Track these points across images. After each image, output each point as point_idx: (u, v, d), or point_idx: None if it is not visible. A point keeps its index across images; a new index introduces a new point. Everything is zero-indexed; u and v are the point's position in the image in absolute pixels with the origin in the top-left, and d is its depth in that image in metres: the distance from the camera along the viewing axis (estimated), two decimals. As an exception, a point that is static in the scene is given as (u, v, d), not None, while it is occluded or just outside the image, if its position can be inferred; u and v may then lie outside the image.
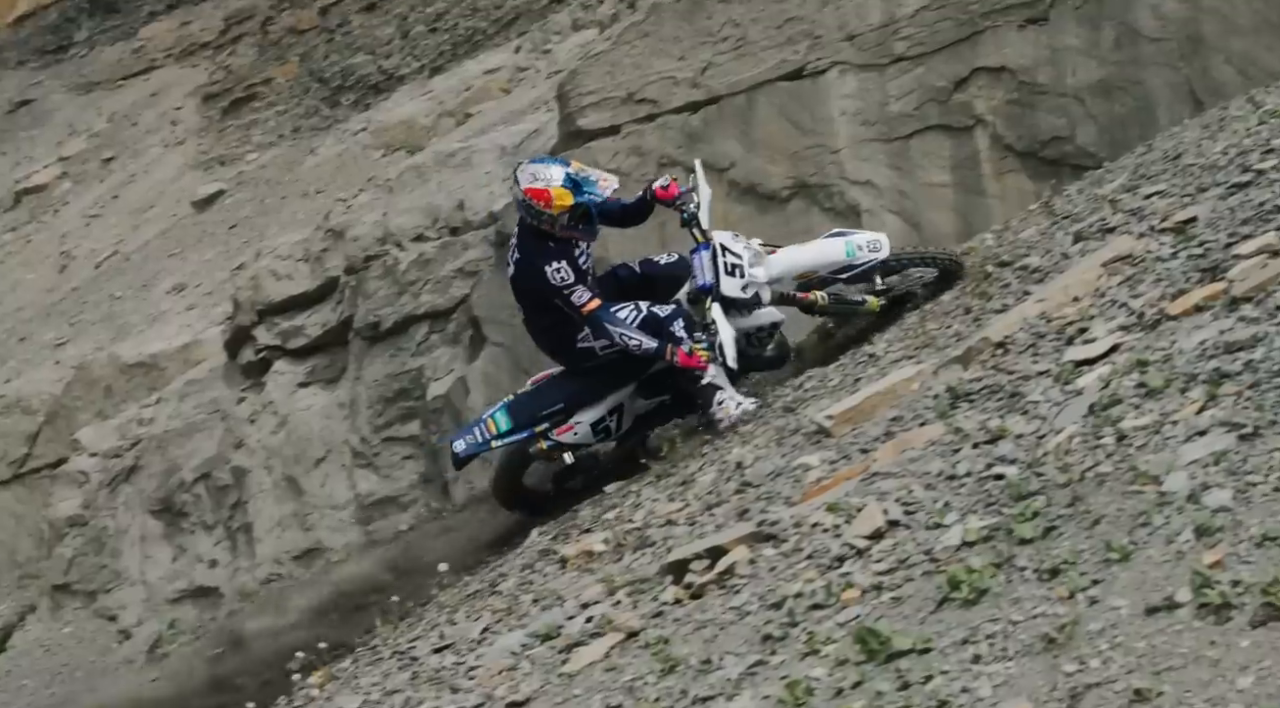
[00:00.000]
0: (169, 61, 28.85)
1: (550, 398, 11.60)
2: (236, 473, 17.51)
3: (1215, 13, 11.61)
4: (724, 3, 13.91)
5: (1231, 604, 5.10)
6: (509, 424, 11.63)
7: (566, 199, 10.97)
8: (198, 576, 17.73)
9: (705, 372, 10.89)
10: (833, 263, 10.96)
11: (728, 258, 10.92)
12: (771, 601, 6.92)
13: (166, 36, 29.31)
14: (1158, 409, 6.66)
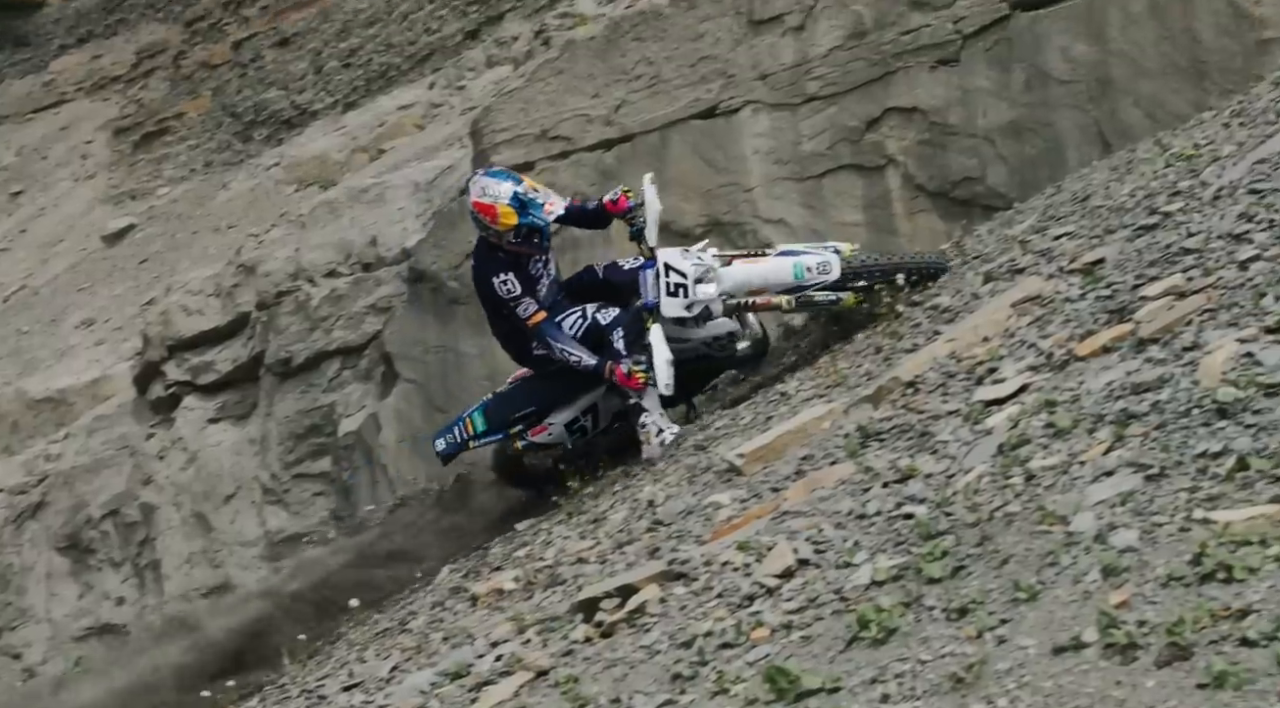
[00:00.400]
0: (79, 95, 28.69)
1: (522, 401, 11.71)
2: (145, 510, 17.40)
3: (1123, 56, 11.72)
4: (638, 41, 13.95)
5: (1137, 644, 5.12)
6: (485, 425, 11.79)
7: (511, 218, 11.04)
8: (104, 613, 17.60)
9: (641, 393, 10.93)
10: (781, 283, 11.00)
11: (671, 278, 10.94)
12: (681, 639, 6.90)
13: (77, 70, 29.14)
14: (1065, 449, 6.70)
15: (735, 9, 13.52)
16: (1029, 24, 12.25)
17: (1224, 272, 7.54)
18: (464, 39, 21.49)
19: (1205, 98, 11.27)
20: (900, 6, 12.74)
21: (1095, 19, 11.91)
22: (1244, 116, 10.16)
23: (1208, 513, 5.62)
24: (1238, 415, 6.17)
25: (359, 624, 11.12)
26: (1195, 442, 6.15)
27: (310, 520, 15.93)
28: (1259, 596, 5.10)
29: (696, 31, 13.68)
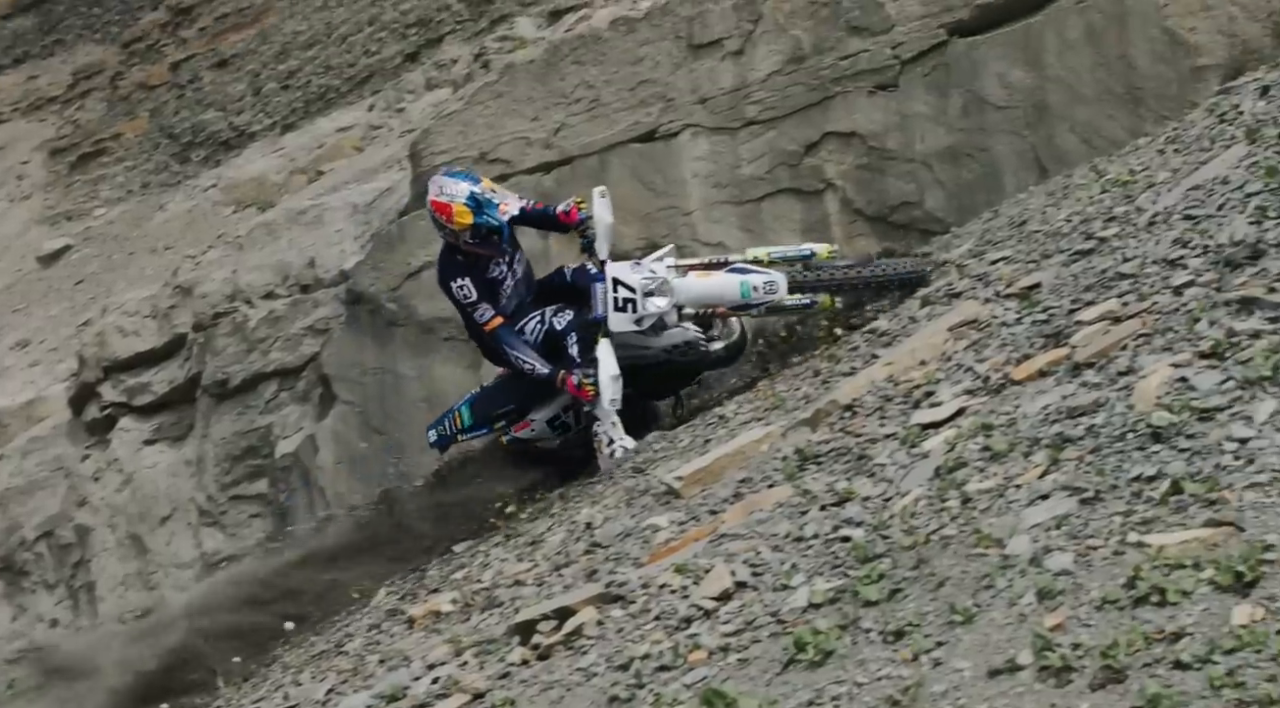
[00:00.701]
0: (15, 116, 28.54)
1: (503, 399, 11.80)
2: (79, 531, 17.29)
3: (1060, 82, 11.78)
4: (577, 64, 13.96)
5: (1072, 667, 5.15)
6: (471, 420, 11.91)
7: (466, 218, 11.09)
8: (38, 635, 17.46)
9: (592, 403, 10.98)
10: (729, 300, 11.03)
11: (619, 293, 10.96)
12: (619, 662, 6.90)
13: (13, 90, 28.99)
14: (1001, 473, 6.73)
15: (675, 33, 13.55)
16: (966, 50, 12.30)
17: (1159, 297, 7.59)
18: (403, 61, 21.46)
19: (1141, 124, 11.34)
20: (839, 32, 12.78)
21: (1032, 45, 11.98)
22: (1179, 143, 10.23)
23: (1142, 537, 5.66)
24: (1172, 440, 6.21)
25: (295, 646, 11.07)
26: (1130, 466, 6.18)
27: (246, 542, 15.86)
28: (1192, 619, 5.13)
29: (636, 55, 13.70)
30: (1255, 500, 5.58)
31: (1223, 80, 11.00)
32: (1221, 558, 5.31)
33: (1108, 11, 11.69)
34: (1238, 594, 5.16)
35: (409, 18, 21.81)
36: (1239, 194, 8.21)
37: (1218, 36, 11.26)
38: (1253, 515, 5.50)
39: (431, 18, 21.48)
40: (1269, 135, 8.88)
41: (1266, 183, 8.10)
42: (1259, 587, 5.15)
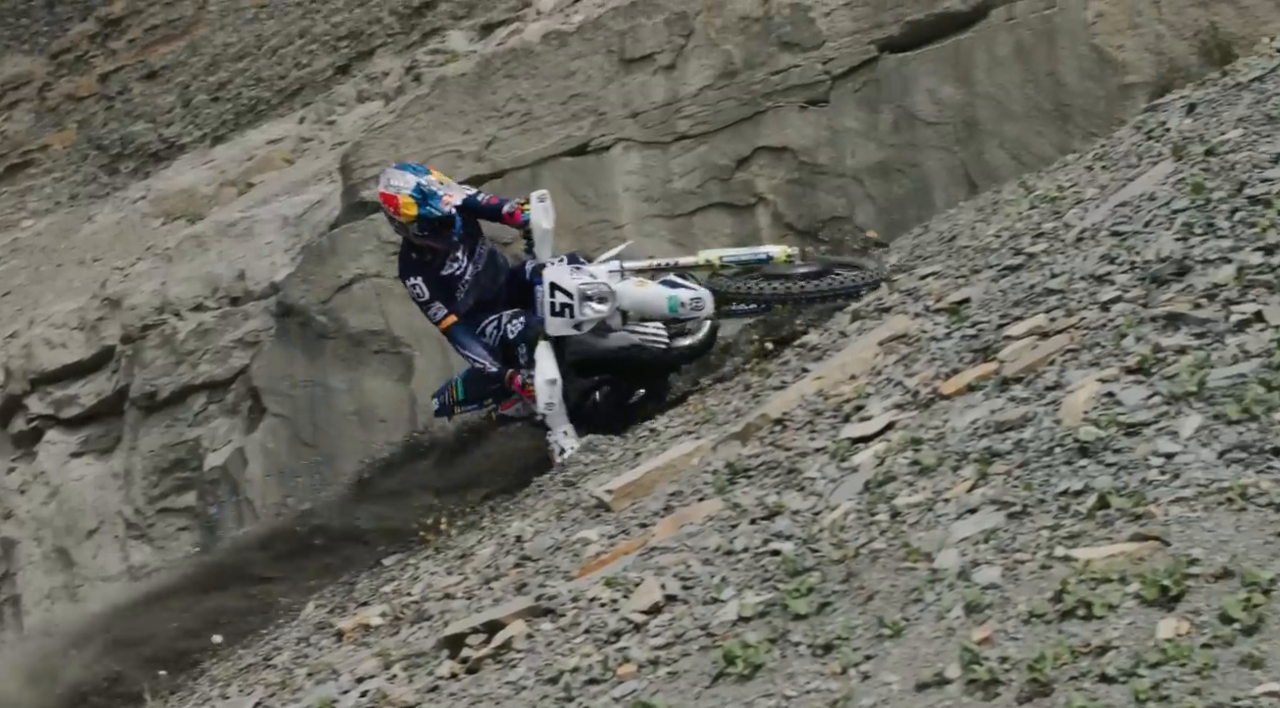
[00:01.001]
0: (-58, 126, 28.34)
1: (493, 377, 11.64)
2: (5, 544, 17.17)
3: (989, 99, 11.86)
4: (509, 78, 13.97)
5: (999, 680, 5.18)
6: (464, 394, 11.94)
7: (411, 209, 11.17)
8: (-38, 649, 17.32)
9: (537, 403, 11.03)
10: (658, 312, 11.05)
11: (557, 297, 10.98)
12: (548, 675, 6.90)
13: (-60, 101, 28.80)
14: (930, 487, 6.75)
15: (606, 48, 13.58)
16: (897, 66, 12.37)
17: (1086, 312, 7.64)
18: (334, 74, 21.39)
19: (1069, 141, 11.43)
20: (770, 47, 12.84)
21: (962, 62, 12.05)
22: (1106, 160, 10.30)
23: (1069, 551, 5.69)
24: (1099, 454, 6.24)
25: (222, 660, 11.02)
26: (1057, 480, 6.22)
27: (174, 555, 15.79)
28: (1118, 632, 5.17)
29: (568, 69, 13.73)
30: (1181, 515, 5.62)
31: (1150, 98, 11.10)
32: (1147, 572, 5.34)
33: (1037, 29, 11.78)
34: (1163, 608, 5.20)
35: (340, 30, 21.75)
36: (1166, 211, 8.27)
37: (1145, 54, 11.36)
38: (1178, 530, 5.54)
39: (363, 30, 21.42)
40: (1195, 152, 8.95)
41: (1193, 199, 8.17)
42: (1184, 601, 5.18)
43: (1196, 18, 11.29)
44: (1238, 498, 5.57)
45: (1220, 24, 11.18)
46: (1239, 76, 10.21)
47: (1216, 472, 5.80)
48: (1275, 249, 7.20)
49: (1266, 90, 9.56)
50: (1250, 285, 7.03)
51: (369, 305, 13.71)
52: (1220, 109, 9.77)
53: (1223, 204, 7.95)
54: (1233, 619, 4.99)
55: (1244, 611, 5.00)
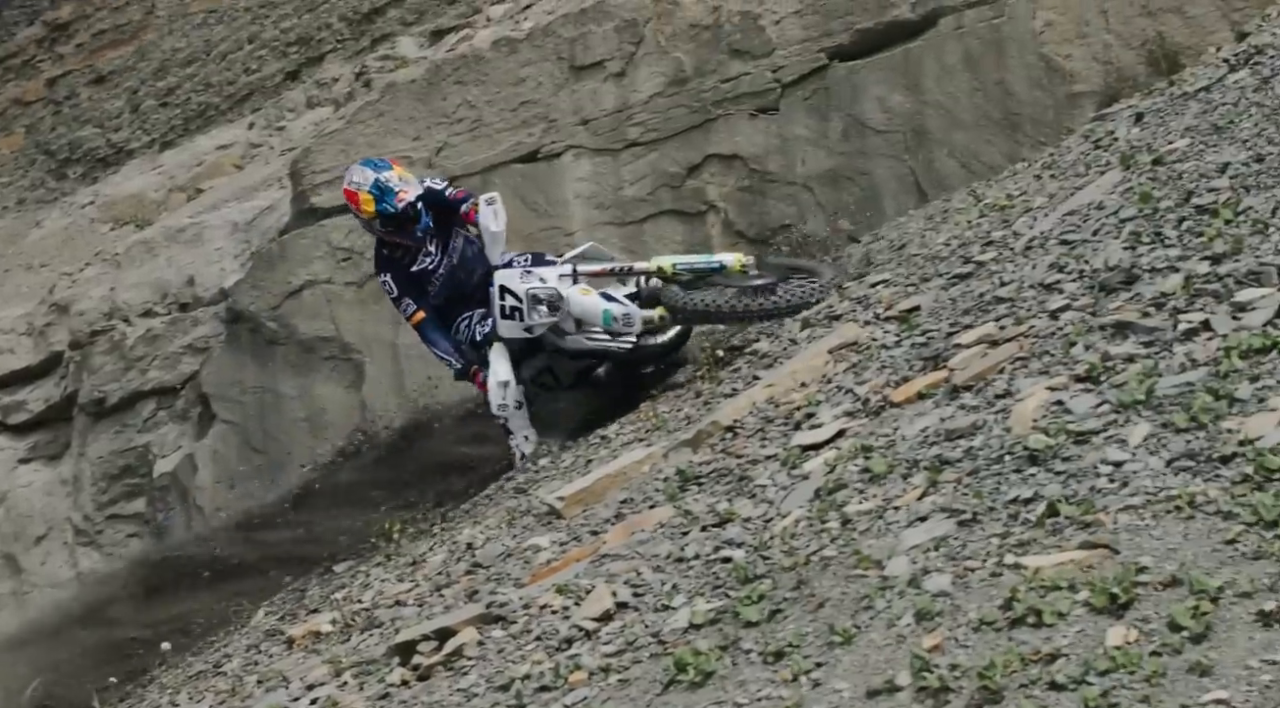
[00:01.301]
0: (-111, 131, 28.18)
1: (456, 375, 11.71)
2: (-47, 551, 17.08)
3: (939, 107, 11.92)
4: (459, 84, 13.97)
5: (949, 688, 5.20)
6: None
7: (370, 206, 11.22)
8: (-90, 655, 17.22)
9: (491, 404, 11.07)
10: (594, 322, 11.07)
11: (506, 300, 10.99)
12: (499, 683, 6.89)
13: (-113, 105, 28.64)
14: (881, 494, 6.78)
15: (557, 54, 13.60)
16: (846, 74, 12.42)
17: (1035, 321, 7.68)
18: (284, 79, 21.37)
19: (1018, 149, 11.49)
20: (720, 55, 12.88)
21: (911, 70, 12.11)
22: (1055, 168, 10.35)
23: (1018, 558, 5.71)
24: (1048, 462, 6.28)
25: (171, 667, 10.98)
26: (1007, 488, 6.25)
27: (123, 562, 15.73)
28: (1067, 640, 5.19)
29: (518, 76, 13.74)
30: (1130, 523, 5.66)
31: (1098, 107, 11.17)
32: (1097, 580, 5.37)
33: (985, 38, 11.84)
34: (1112, 616, 5.23)
35: (289, 36, 21.72)
36: (1114, 219, 8.32)
37: (1093, 64, 11.44)
38: (1127, 538, 5.58)
39: (312, 36, 21.40)
40: (1143, 162, 9.01)
41: (1140, 208, 8.22)
42: (1133, 609, 5.21)
43: (1144, 28, 11.37)
44: (1186, 506, 5.61)
45: (1167, 34, 11.27)
46: (1186, 86, 10.28)
47: (1165, 480, 5.83)
48: (1222, 258, 7.26)
49: (1213, 100, 9.63)
50: (1198, 294, 7.08)
51: (319, 312, 13.69)
52: (1168, 119, 9.84)
53: (1170, 213, 8.00)
54: (1181, 627, 5.03)
55: (1192, 618, 5.03)
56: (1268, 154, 8.20)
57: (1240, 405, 6.11)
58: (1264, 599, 5.03)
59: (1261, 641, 4.91)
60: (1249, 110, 9.06)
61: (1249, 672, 4.81)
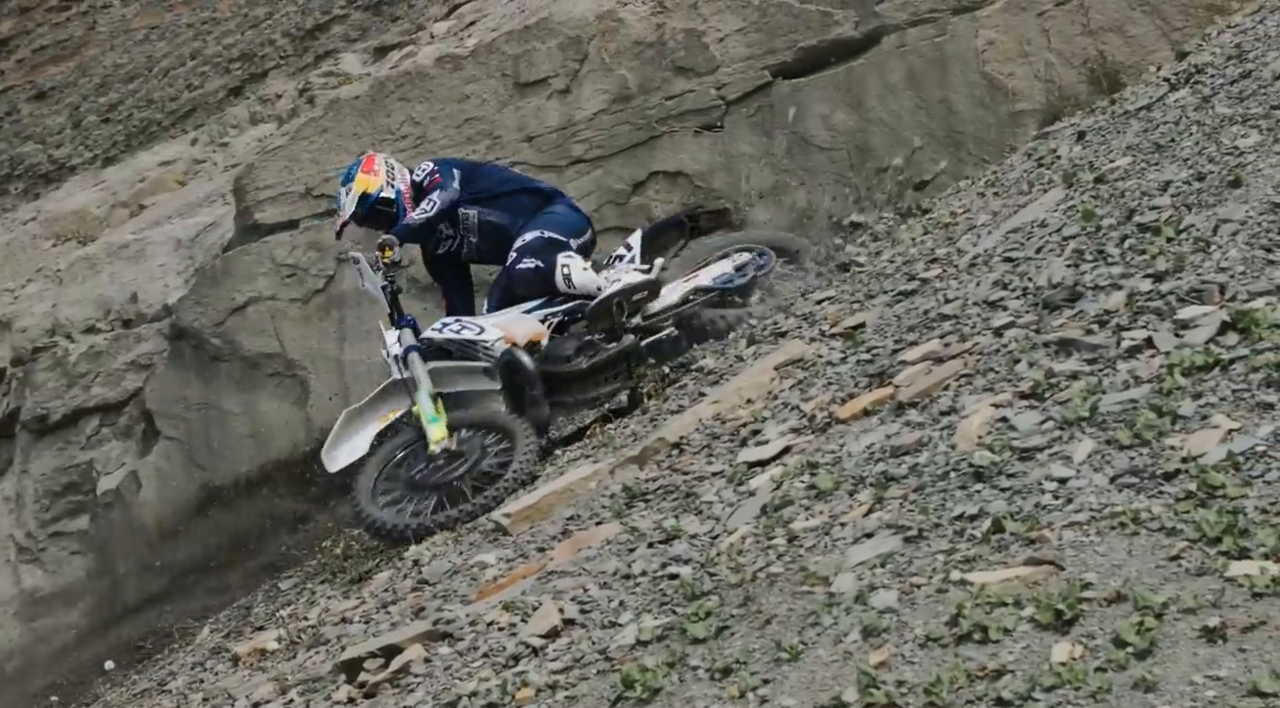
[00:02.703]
0: None
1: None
2: (-106, 569, 16.95)
3: (882, 124, 11.98)
4: (404, 101, 13.97)
5: (896, 704, 5.22)
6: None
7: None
8: None
9: None
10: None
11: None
12: (446, 700, 6.89)
13: None
14: (827, 511, 6.80)
15: (501, 71, 13.61)
16: (790, 92, 12.46)
17: (980, 338, 7.73)
18: (227, 96, 21.30)
19: (961, 167, 11.54)
20: (664, 72, 12.91)
21: (854, 88, 12.16)
22: (998, 186, 10.42)
23: (964, 575, 5.74)
24: (993, 479, 6.31)
25: (116, 685, 10.96)
26: (952, 504, 6.28)
27: (67, 579, 15.65)
28: (1013, 656, 5.22)
29: (462, 93, 13.75)
30: (1074, 539, 5.69)
31: (1040, 125, 11.23)
32: (1042, 596, 5.40)
33: (928, 56, 11.91)
34: (1058, 632, 5.26)
35: (232, 52, 21.67)
36: (1057, 237, 8.38)
37: (1035, 82, 11.51)
38: (1072, 554, 5.61)
39: (255, 52, 21.35)
40: (1085, 180, 9.08)
41: (1083, 226, 8.28)
42: (1078, 625, 5.25)
43: (1085, 46, 11.44)
44: (1130, 522, 5.65)
45: (1108, 53, 11.34)
46: (1127, 105, 10.35)
47: (1109, 496, 5.87)
48: (1164, 276, 7.31)
49: (1154, 119, 9.70)
50: (1140, 311, 7.13)
51: (263, 328, 13.66)
52: (1109, 137, 9.91)
53: (1113, 231, 8.06)
54: (1126, 643, 5.06)
55: (1137, 634, 5.06)
56: (1209, 172, 8.27)
57: (1183, 422, 6.16)
58: (1208, 615, 5.07)
59: (1205, 657, 4.94)
60: (1190, 129, 9.14)
61: (1193, 687, 4.84)
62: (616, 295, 10.82)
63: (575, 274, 11.00)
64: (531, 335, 10.97)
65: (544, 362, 10.87)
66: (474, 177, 11.50)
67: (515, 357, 10.81)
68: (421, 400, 10.69)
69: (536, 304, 11.14)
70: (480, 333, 10.95)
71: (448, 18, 16.09)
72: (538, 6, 13.88)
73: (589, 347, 10.91)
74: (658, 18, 13.06)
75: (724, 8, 12.79)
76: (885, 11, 12.20)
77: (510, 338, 10.89)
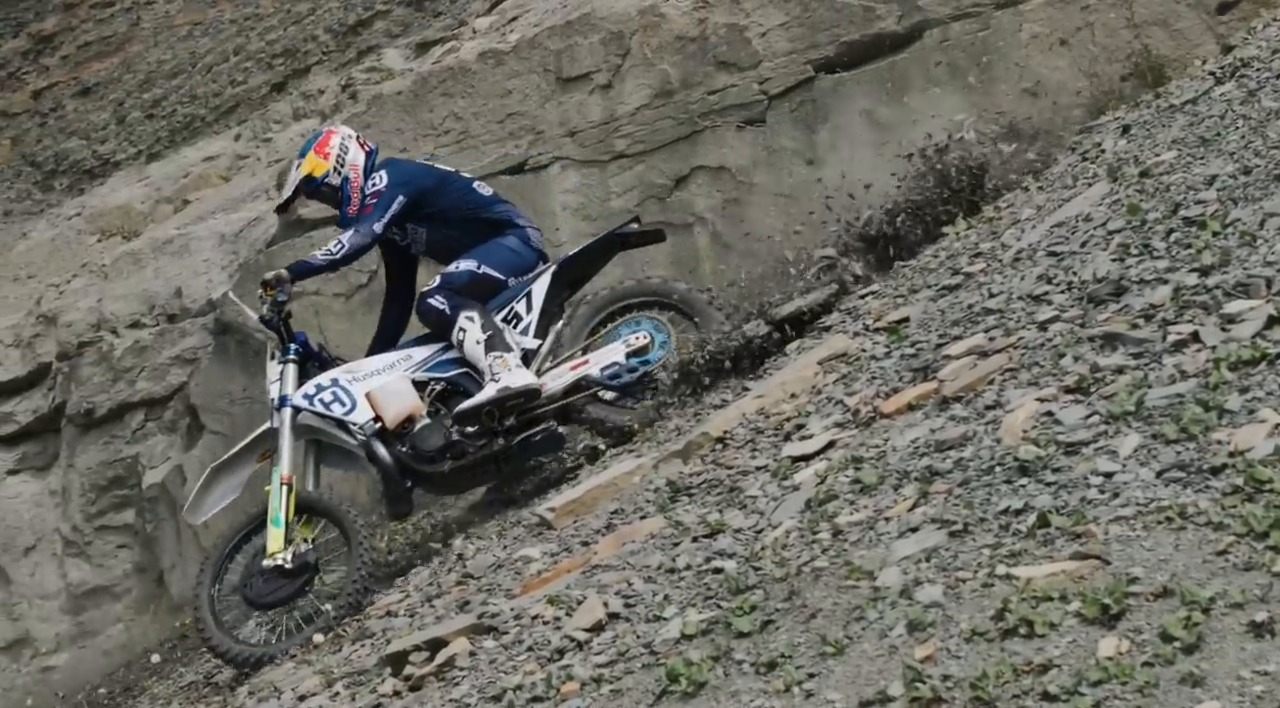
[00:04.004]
0: (-126, 141, 28.16)
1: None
2: (-59, 563, 17.05)
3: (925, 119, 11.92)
4: (446, 97, 13.99)
5: (942, 698, 5.22)
6: None
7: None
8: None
9: None
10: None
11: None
12: (491, 693, 6.91)
13: (-128, 116, 28.61)
14: (872, 505, 6.81)
15: (543, 67, 13.62)
16: (832, 86, 12.45)
17: (1024, 332, 7.72)
18: (270, 91, 21.36)
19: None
20: (707, 67, 12.90)
21: (897, 82, 12.13)
22: (1042, 181, 10.39)
23: (1010, 569, 5.74)
24: (1038, 473, 6.31)
25: (163, 678, 10.99)
26: (997, 499, 6.28)
27: (113, 573, 15.72)
28: (1060, 650, 5.22)
29: (504, 88, 13.75)
30: (1120, 534, 5.69)
31: (1084, 119, 11.18)
32: (1088, 591, 5.40)
33: (971, 50, 11.87)
34: (1104, 627, 5.26)
35: (275, 48, 21.73)
36: (1102, 231, 8.36)
37: (1079, 76, 11.46)
38: (1118, 548, 5.61)
39: (298, 48, 21.41)
40: (1130, 174, 9.05)
41: (1128, 220, 8.26)
42: (1125, 619, 5.24)
43: (1129, 40, 11.41)
44: (1176, 517, 5.64)
45: (1152, 47, 11.31)
46: (1172, 99, 10.32)
47: (1155, 491, 5.87)
48: (1210, 270, 7.30)
49: (1199, 113, 9.67)
50: (1186, 306, 7.12)
51: (307, 323, 13.65)
52: (1154, 131, 9.88)
53: (1158, 225, 8.04)
54: (1173, 638, 5.06)
55: (1184, 629, 5.06)
56: (1255, 166, 8.25)
57: (1230, 417, 6.15)
58: (1255, 610, 5.06)
59: (1253, 651, 4.94)
60: (1235, 123, 9.11)
61: (1240, 682, 4.83)
62: (488, 405, 10.38)
63: (468, 343, 10.56)
64: (406, 412, 10.51)
65: (410, 452, 10.43)
66: (439, 193, 11.13)
67: (374, 451, 10.39)
68: (272, 490, 10.27)
69: (431, 353, 10.77)
70: (349, 410, 10.52)
71: (490, 13, 16.11)
72: (580, 2, 13.89)
73: (455, 447, 10.43)
74: (700, 12, 13.05)
75: (766, 2, 12.78)
76: (928, 6, 12.17)
77: (380, 415, 10.49)
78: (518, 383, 10.35)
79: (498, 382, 10.35)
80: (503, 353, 10.46)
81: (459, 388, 10.61)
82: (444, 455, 10.39)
